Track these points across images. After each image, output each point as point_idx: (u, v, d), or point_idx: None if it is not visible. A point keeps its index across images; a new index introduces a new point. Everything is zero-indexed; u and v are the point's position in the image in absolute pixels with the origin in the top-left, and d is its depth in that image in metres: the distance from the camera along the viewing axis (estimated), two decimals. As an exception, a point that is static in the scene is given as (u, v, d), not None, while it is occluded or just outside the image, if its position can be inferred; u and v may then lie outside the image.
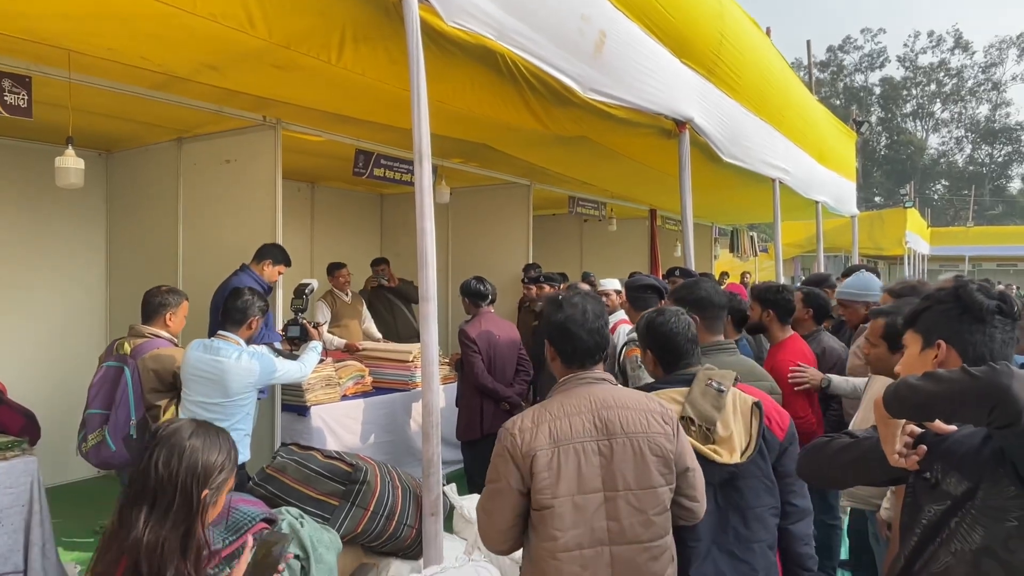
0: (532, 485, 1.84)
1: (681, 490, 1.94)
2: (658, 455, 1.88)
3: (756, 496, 2.12)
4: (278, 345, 3.72)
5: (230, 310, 3.35)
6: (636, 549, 1.85)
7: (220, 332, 3.33)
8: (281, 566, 1.72)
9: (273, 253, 4.42)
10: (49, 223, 5.37)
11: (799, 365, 3.49)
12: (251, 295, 3.40)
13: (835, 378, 3.46)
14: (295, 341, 3.75)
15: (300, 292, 3.96)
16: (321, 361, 4.40)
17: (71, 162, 3.74)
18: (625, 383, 3.19)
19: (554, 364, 2.04)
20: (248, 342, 3.39)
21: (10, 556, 3.29)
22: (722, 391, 2.12)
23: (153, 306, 3.61)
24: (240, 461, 3.18)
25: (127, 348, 3.57)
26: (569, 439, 1.86)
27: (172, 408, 3.51)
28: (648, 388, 2.24)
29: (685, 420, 2.06)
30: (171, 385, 3.46)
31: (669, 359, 2.27)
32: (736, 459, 2.05)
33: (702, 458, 2.03)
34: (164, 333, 3.61)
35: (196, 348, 3.27)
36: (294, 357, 3.59)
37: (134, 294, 5.55)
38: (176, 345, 3.72)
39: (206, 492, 1.62)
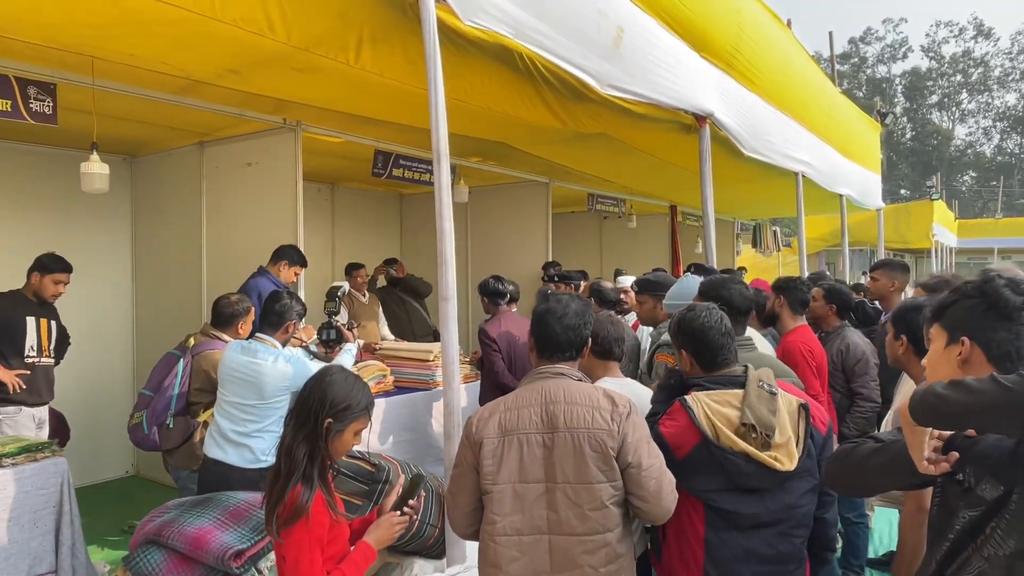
0: (479, 471, 1.96)
1: (628, 488, 1.93)
2: (597, 451, 1.91)
3: (804, 496, 2.09)
4: (313, 348, 3.72)
5: (268, 313, 3.36)
6: (572, 541, 1.91)
7: (257, 335, 3.35)
8: (422, 493, 2.20)
9: (289, 254, 4.46)
10: (76, 227, 5.46)
11: None
12: (289, 299, 3.41)
13: None
14: (330, 344, 3.74)
15: (332, 295, 3.96)
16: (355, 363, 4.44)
17: (96, 167, 3.80)
18: None
19: (531, 355, 2.15)
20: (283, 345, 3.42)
21: (45, 557, 3.35)
22: (774, 393, 2.08)
23: (225, 316, 3.72)
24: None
25: (191, 342, 3.73)
26: (515, 430, 1.96)
27: (209, 411, 3.57)
28: (698, 384, 2.15)
29: (746, 427, 2.00)
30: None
31: (706, 356, 2.18)
32: (794, 465, 2.01)
33: (760, 465, 1.98)
34: (226, 337, 3.70)
35: (234, 349, 3.29)
36: (328, 360, 3.60)
37: (160, 296, 5.68)
38: None
39: (328, 420, 1.91)
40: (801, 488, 2.08)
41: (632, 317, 5.00)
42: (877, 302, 4.76)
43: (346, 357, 3.64)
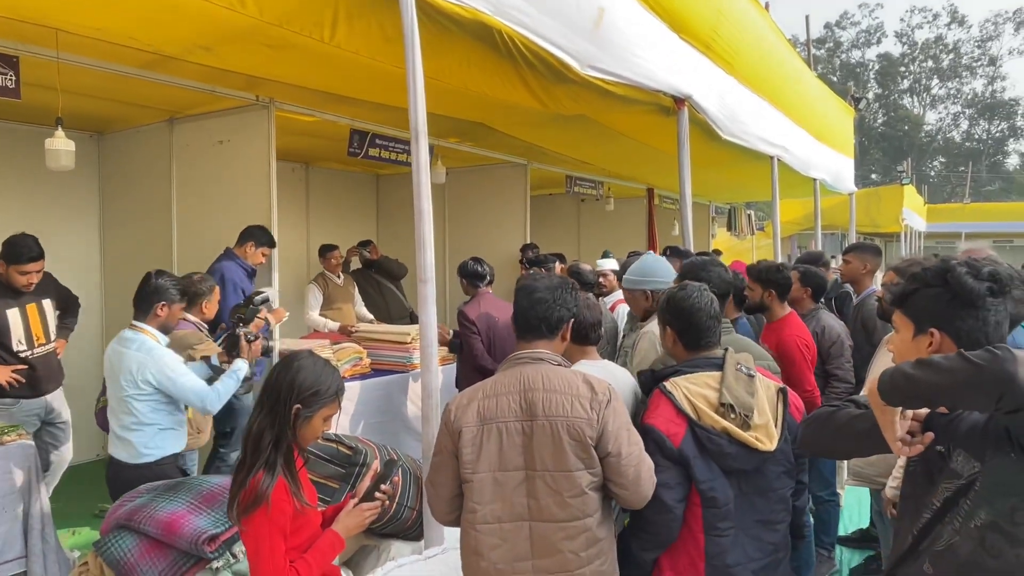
0: (459, 459, 1.95)
1: (606, 475, 1.94)
2: (576, 439, 1.90)
3: (779, 479, 2.11)
4: (215, 361, 3.36)
5: (136, 298, 3.14)
6: (552, 527, 1.92)
7: (132, 323, 3.15)
8: (396, 478, 2.16)
9: (255, 235, 4.34)
10: (41, 206, 5.31)
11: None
12: (159, 277, 3.18)
13: None
14: (231, 354, 3.34)
15: (249, 300, 3.56)
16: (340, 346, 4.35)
17: (61, 144, 3.69)
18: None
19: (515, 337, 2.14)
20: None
21: (13, 542, 3.29)
22: (752, 376, 2.09)
23: (188, 296, 3.57)
24: (162, 455, 3.08)
25: None
26: (494, 418, 1.94)
27: None
28: (674, 372, 2.16)
29: (725, 407, 2.01)
30: None
31: (691, 336, 2.20)
32: (774, 446, 2.02)
33: (742, 445, 2.00)
34: (191, 317, 3.61)
35: (113, 341, 3.13)
36: (220, 372, 3.26)
37: (128, 277, 5.50)
38: (201, 330, 3.73)
39: (297, 406, 1.88)
40: (777, 472, 2.10)
41: (611, 299, 5.02)
42: (849, 284, 4.82)
43: (228, 382, 3.16)
